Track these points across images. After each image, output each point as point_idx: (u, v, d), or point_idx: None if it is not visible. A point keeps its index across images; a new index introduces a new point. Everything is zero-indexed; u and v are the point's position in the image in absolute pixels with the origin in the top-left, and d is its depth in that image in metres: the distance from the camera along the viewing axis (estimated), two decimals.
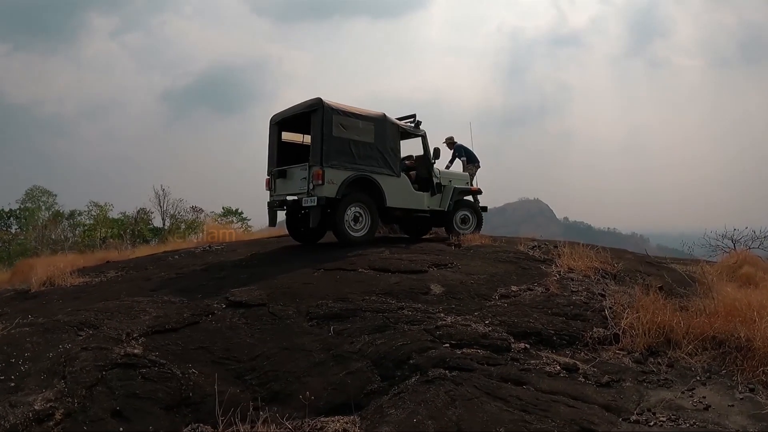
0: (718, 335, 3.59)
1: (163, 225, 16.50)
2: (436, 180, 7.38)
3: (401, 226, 8.43)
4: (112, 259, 7.55)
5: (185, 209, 17.21)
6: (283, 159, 6.84)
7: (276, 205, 6.83)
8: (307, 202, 6.11)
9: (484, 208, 8.05)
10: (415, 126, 7.33)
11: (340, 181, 6.17)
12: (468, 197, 7.98)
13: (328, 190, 6.06)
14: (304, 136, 6.95)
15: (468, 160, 9.24)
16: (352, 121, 6.42)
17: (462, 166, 9.16)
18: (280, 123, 6.94)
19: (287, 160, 6.79)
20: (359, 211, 6.40)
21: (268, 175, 6.96)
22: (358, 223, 6.40)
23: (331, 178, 6.10)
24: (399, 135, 6.98)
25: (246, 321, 3.73)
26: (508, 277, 4.82)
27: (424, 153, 7.37)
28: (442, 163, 8.45)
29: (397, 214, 7.04)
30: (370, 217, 6.46)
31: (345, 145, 6.28)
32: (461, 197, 7.70)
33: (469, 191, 7.96)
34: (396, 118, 7.12)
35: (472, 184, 8.30)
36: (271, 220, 7.08)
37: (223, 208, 18.57)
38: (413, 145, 7.57)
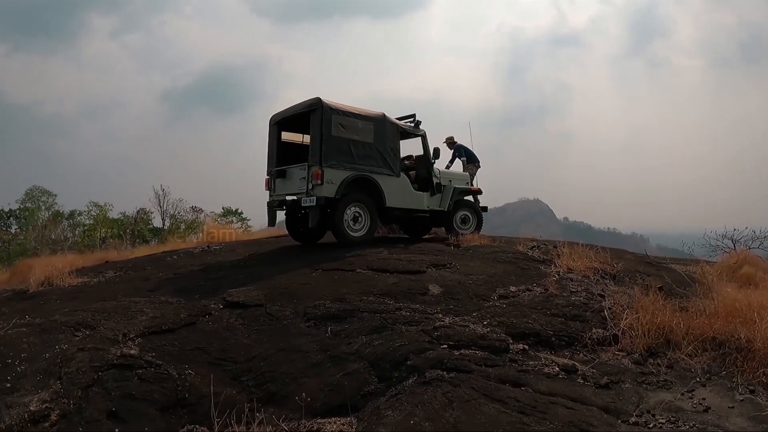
0: (718, 336, 3.56)
1: (163, 225, 16.52)
2: (436, 180, 7.36)
3: (401, 227, 8.42)
4: (111, 259, 7.55)
5: (185, 209, 17.25)
6: (283, 159, 6.83)
7: (275, 205, 6.83)
8: (306, 202, 6.10)
9: (484, 208, 8.03)
10: (414, 126, 7.32)
11: (340, 181, 6.16)
12: (468, 197, 7.96)
13: (327, 190, 6.05)
14: (304, 136, 6.94)
15: (468, 160, 9.22)
16: (351, 121, 6.40)
17: (462, 166, 9.14)
18: (279, 123, 6.93)
19: (287, 160, 6.77)
20: (358, 211, 6.39)
21: (267, 175, 6.96)
22: (358, 223, 6.38)
23: (330, 178, 6.09)
24: (398, 135, 6.97)
25: (243, 322, 3.71)
26: (507, 277, 4.80)
27: (424, 153, 7.35)
28: (442, 163, 8.44)
29: (396, 214, 7.03)
30: (369, 217, 6.45)
31: (344, 144, 6.27)
32: (461, 197, 7.69)
33: (470, 191, 7.94)
34: (396, 118, 7.11)
35: (473, 184, 8.28)
36: (271, 220, 7.08)
37: (222, 208, 18.57)
38: (413, 145, 7.57)
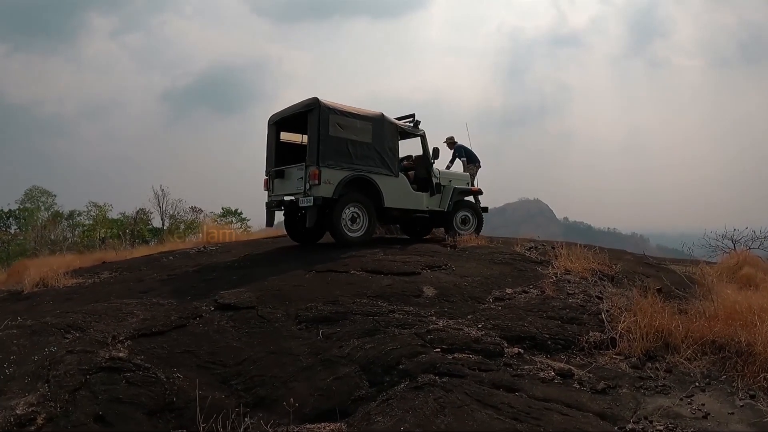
0: (718, 339, 3.49)
1: (163, 225, 16.54)
2: (436, 180, 7.32)
3: (401, 227, 8.38)
4: (109, 260, 7.53)
5: (184, 209, 17.30)
6: (282, 159, 6.80)
7: (274, 205, 6.81)
8: (304, 202, 6.08)
9: (484, 208, 7.98)
10: (414, 126, 7.28)
11: (337, 181, 6.12)
12: (468, 198, 7.90)
13: (324, 190, 6.02)
14: (303, 136, 6.91)
15: (468, 161, 9.17)
16: (349, 121, 6.37)
17: (462, 166, 9.09)
18: (278, 123, 6.91)
19: (286, 160, 6.75)
20: (357, 212, 6.35)
21: (266, 175, 6.94)
22: (356, 224, 6.35)
23: (327, 178, 6.06)
24: (397, 135, 6.93)
25: (234, 324, 3.67)
26: (503, 279, 4.74)
27: (424, 153, 7.31)
28: (442, 163, 8.39)
29: (395, 215, 6.99)
30: (367, 218, 6.41)
31: (342, 144, 6.24)
32: (461, 197, 7.63)
33: (470, 191, 7.89)
34: (395, 118, 7.07)
35: (473, 185, 8.23)
36: (269, 221, 7.07)
37: (222, 208, 18.62)
38: (413, 145, 7.53)
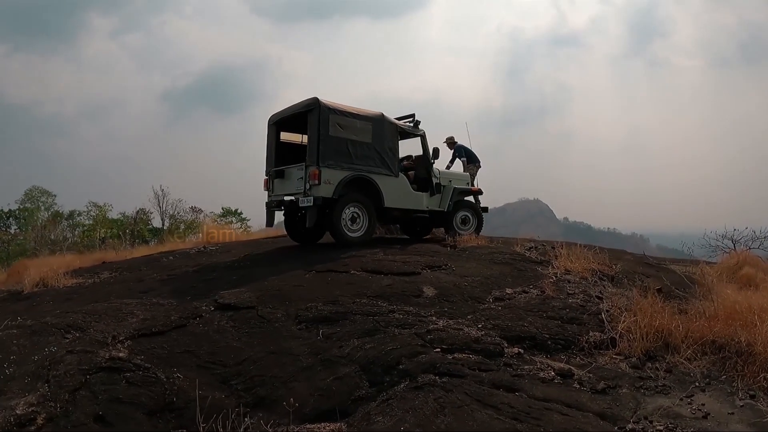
0: (718, 339, 3.49)
1: (163, 225, 16.52)
2: (436, 180, 7.31)
3: (401, 227, 8.37)
4: (109, 260, 7.53)
5: (184, 209, 17.29)
6: (282, 159, 6.80)
7: (274, 205, 6.81)
8: (304, 202, 6.08)
9: (484, 208, 7.97)
10: (414, 126, 7.28)
11: (337, 181, 6.12)
12: (469, 198, 7.90)
13: (324, 190, 6.02)
14: (303, 136, 6.90)
15: (468, 161, 9.16)
16: (349, 121, 6.37)
17: (462, 166, 9.08)
18: (278, 123, 6.91)
19: (285, 160, 6.75)
20: (357, 212, 6.35)
21: (266, 175, 6.94)
22: (356, 224, 6.34)
23: (327, 178, 6.06)
24: (397, 135, 6.92)
25: (234, 324, 3.66)
26: (503, 279, 4.74)
27: (423, 153, 7.30)
28: (442, 163, 8.39)
29: (395, 215, 6.99)
30: (367, 218, 6.41)
31: (342, 144, 6.24)
32: (461, 198, 7.63)
33: (470, 191, 7.88)
34: (395, 118, 7.07)
35: (473, 185, 8.22)
36: (269, 221, 7.07)
37: (222, 208, 18.60)
38: (413, 145, 7.52)
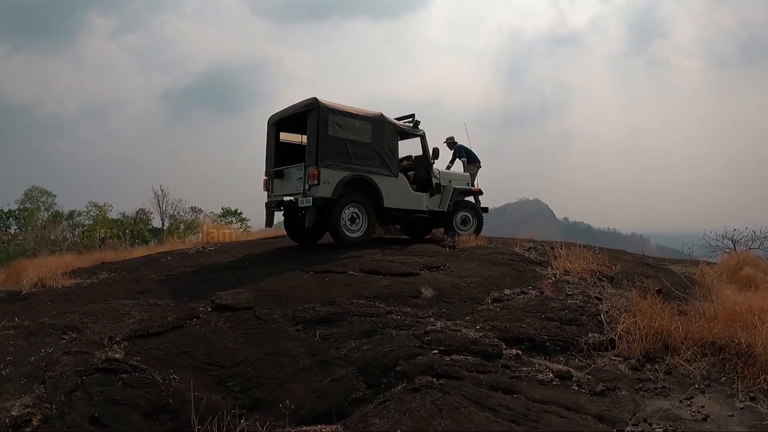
0: (718, 341, 3.46)
1: (162, 225, 16.51)
2: (436, 180, 7.29)
3: (401, 227, 8.35)
4: (108, 260, 7.53)
5: (184, 210, 17.25)
6: (281, 159, 6.79)
7: (273, 205, 6.79)
8: (303, 202, 6.07)
9: (485, 209, 7.94)
10: (413, 126, 7.26)
11: (336, 181, 6.11)
12: (469, 198, 7.88)
13: (323, 190, 6.01)
14: (302, 136, 6.89)
15: (468, 161, 9.14)
16: (348, 121, 6.36)
17: (463, 166, 9.06)
18: (277, 123, 6.91)
19: (285, 160, 6.75)
20: (356, 212, 6.33)
21: (265, 175, 6.93)
22: (355, 224, 6.33)
23: (327, 179, 6.04)
24: (397, 135, 6.91)
25: (231, 325, 3.65)
26: (502, 279, 4.71)
27: (423, 153, 7.28)
28: (442, 163, 8.36)
29: (395, 215, 6.97)
30: (367, 218, 6.39)
31: (341, 145, 6.22)
32: (461, 198, 7.61)
33: (470, 192, 7.86)
34: (395, 118, 7.05)
35: (473, 185, 8.20)
36: (268, 221, 7.06)
37: (222, 208, 18.56)
38: (413, 146, 7.50)
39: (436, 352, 3.29)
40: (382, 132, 6.62)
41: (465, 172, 8.73)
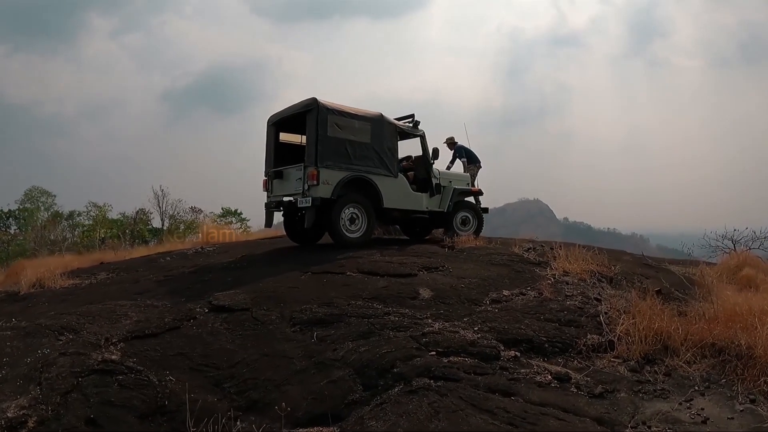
0: (718, 342, 3.44)
1: (162, 226, 16.50)
2: (435, 181, 7.27)
3: (401, 228, 8.34)
4: (107, 260, 7.53)
5: (184, 210, 17.26)
6: (281, 160, 6.79)
7: (273, 206, 6.79)
8: (302, 202, 6.07)
9: (485, 209, 7.93)
10: (413, 126, 7.25)
11: (336, 181, 6.10)
12: (469, 198, 7.86)
13: (323, 190, 6.00)
14: (302, 136, 6.89)
15: (469, 161, 9.12)
16: (347, 121, 6.35)
17: (463, 167, 9.04)
18: (277, 124, 6.90)
19: (285, 160, 6.74)
20: (355, 212, 6.32)
21: (265, 176, 6.93)
22: (355, 225, 6.32)
23: (326, 179, 6.04)
24: (396, 135, 6.89)
25: (228, 326, 3.63)
26: (501, 280, 4.69)
27: (423, 153, 7.27)
28: (442, 163, 8.35)
29: (394, 215, 6.96)
30: (366, 219, 6.38)
31: (340, 145, 6.21)
32: (461, 198, 7.59)
33: (470, 192, 7.84)
34: (395, 118, 7.04)
35: (474, 185, 8.18)
36: (268, 221, 7.06)
37: (222, 208, 18.54)
38: (413, 146, 7.49)
39: (434, 353, 3.27)
40: (382, 132, 6.61)
41: (465, 172, 8.71)
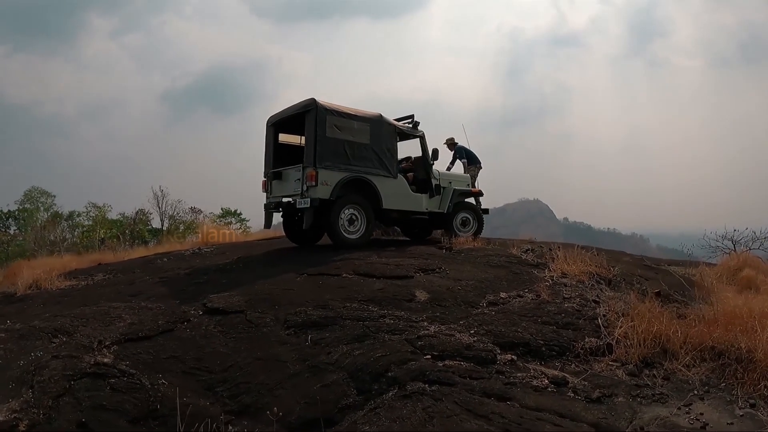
0: (718, 345, 3.39)
1: (162, 226, 16.48)
2: (435, 181, 7.23)
3: (401, 229, 8.30)
4: (105, 261, 7.52)
5: (184, 210, 17.19)
6: (280, 160, 6.77)
7: (272, 207, 6.77)
8: (301, 203, 6.04)
9: (485, 210, 7.88)
10: (413, 127, 7.22)
11: (335, 182, 6.08)
12: (469, 199, 7.82)
13: (321, 191, 5.97)
14: (301, 137, 6.87)
15: (469, 162, 9.08)
16: (346, 122, 6.32)
17: (463, 167, 9.00)
18: (276, 124, 6.89)
19: (284, 161, 6.72)
20: (354, 213, 6.29)
21: (264, 176, 6.91)
22: (353, 225, 6.29)
23: (324, 180, 6.01)
24: (396, 136, 6.86)
25: (221, 329, 3.61)
26: (498, 282, 4.64)
27: (423, 154, 7.24)
28: (442, 164, 8.31)
29: (394, 216, 6.92)
30: (365, 220, 6.35)
31: (339, 146, 6.19)
32: (462, 199, 7.55)
33: (470, 193, 7.80)
34: (394, 119, 7.00)
35: (474, 186, 8.14)
36: (267, 222, 7.06)
37: (222, 209, 18.50)
38: (412, 147, 7.46)
39: (429, 357, 3.23)
40: (381, 133, 6.58)
41: (465, 173, 8.67)
